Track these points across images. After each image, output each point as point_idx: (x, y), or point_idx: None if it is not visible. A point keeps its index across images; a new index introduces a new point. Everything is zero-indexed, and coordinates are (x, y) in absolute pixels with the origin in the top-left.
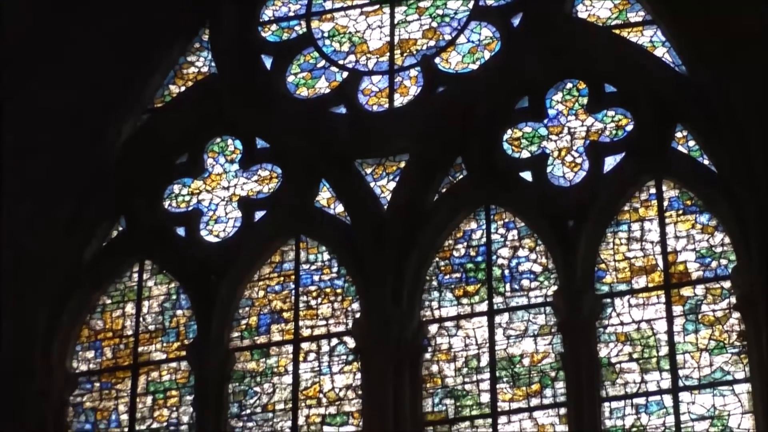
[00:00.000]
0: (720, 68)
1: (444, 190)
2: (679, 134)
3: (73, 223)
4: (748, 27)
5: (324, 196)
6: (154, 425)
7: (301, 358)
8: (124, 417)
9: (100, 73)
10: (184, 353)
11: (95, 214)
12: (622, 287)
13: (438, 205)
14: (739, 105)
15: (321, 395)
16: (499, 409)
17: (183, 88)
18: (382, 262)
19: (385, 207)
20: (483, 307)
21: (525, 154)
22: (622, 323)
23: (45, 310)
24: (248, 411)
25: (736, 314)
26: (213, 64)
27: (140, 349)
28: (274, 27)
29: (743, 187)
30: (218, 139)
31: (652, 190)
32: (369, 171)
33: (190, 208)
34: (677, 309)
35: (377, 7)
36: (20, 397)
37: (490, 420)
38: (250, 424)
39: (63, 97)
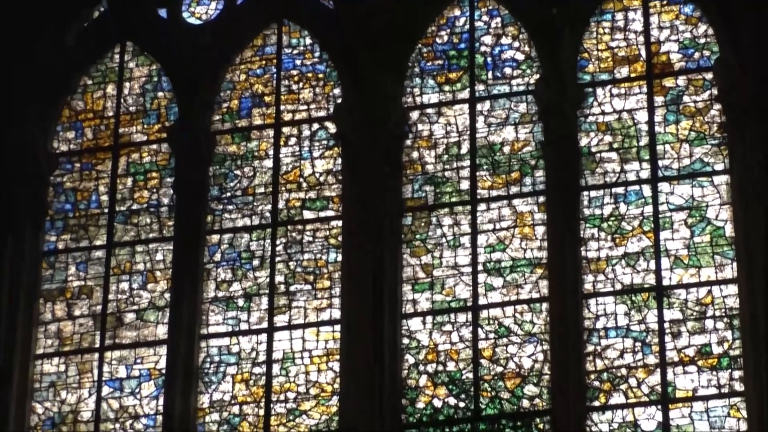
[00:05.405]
0: None
1: None
2: None
3: (54, 2)
4: None
5: None
6: (134, 206)
7: (281, 143)
8: (105, 198)
9: None
10: (164, 135)
11: None
12: (604, 77)
13: None
14: None
15: (301, 179)
16: (478, 196)
17: None
18: (364, 48)
19: None
20: (465, 94)
21: None
22: (603, 113)
23: (25, 91)
24: (228, 194)
25: (717, 106)
26: None
27: (121, 130)
28: None
29: None
30: None
31: None
32: None
33: None
34: (659, 99)
35: None
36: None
37: (469, 207)
38: (230, 207)
39: None
